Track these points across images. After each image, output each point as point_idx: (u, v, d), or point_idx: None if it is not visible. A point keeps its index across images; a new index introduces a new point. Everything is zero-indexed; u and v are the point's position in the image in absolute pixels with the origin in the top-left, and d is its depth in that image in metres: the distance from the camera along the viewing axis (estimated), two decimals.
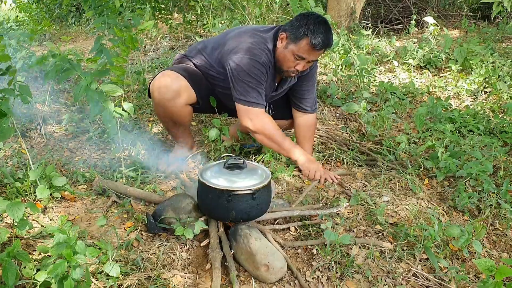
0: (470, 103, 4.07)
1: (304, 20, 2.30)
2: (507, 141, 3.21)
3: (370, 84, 4.36)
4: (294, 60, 2.36)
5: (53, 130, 3.26)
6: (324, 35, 2.28)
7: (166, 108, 2.50)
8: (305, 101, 2.73)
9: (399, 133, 3.35)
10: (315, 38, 2.26)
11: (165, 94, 2.45)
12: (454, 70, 4.69)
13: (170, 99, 2.46)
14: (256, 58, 2.36)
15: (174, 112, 2.52)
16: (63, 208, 2.22)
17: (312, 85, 2.71)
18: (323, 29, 2.28)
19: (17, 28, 7.23)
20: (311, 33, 2.26)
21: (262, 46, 2.40)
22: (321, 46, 2.29)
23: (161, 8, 7.33)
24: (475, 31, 6.87)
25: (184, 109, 2.54)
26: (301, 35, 2.28)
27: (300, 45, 2.30)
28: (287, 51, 2.36)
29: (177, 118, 2.57)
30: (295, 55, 2.34)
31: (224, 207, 1.96)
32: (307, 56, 2.34)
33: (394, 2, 8.13)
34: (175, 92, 2.45)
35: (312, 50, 2.31)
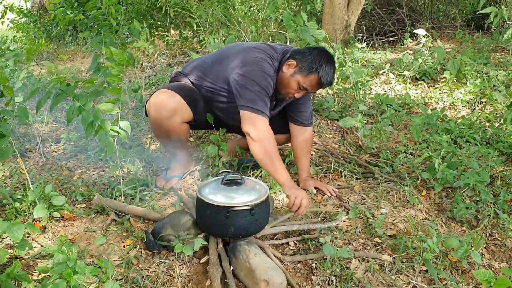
0: (466, 113, 4.10)
1: (318, 56, 2.37)
2: (503, 150, 3.23)
3: (366, 97, 4.39)
4: (297, 89, 2.43)
5: (51, 149, 3.27)
6: (332, 75, 2.39)
7: (162, 126, 2.52)
8: (301, 114, 2.75)
9: (396, 145, 3.37)
10: (325, 78, 2.36)
11: (162, 113, 2.47)
12: (449, 81, 4.73)
13: (166, 118, 2.47)
14: (266, 71, 2.39)
15: (171, 130, 2.53)
16: (62, 227, 2.22)
17: (308, 99, 2.74)
18: (332, 69, 2.39)
19: (14, 48, 7.28)
20: (322, 71, 2.34)
21: (270, 62, 2.44)
22: (327, 84, 2.40)
23: (157, 25, 7.40)
24: (469, 42, 6.93)
25: (181, 127, 2.55)
26: (313, 71, 2.35)
27: (309, 78, 2.37)
28: (293, 80, 2.40)
29: (174, 136, 2.58)
30: (300, 85, 2.40)
31: (223, 224, 1.96)
32: (311, 89, 2.43)
33: (388, 15, 8.20)
34: (171, 110, 2.46)
35: (317, 86, 2.41)
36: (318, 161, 3.08)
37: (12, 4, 7.75)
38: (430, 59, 5.29)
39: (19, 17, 8.24)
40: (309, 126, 2.78)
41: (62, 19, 4.00)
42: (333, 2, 6.84)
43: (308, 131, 2.78)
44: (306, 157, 2.79)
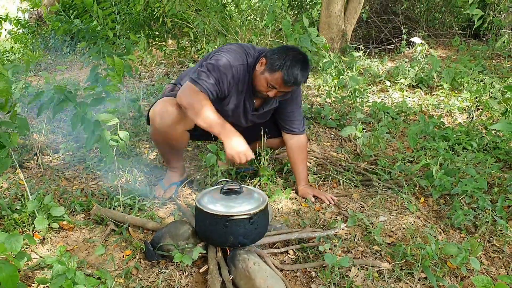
0: (463, 120, 4.12)
1: (283, 54, 2.34)
2: (500, 157, 3.24)
3: (363, 105, 4.41)
4: (267, 87, 2.41)
5: (50, 159, 3.28)
6: (298, 74, 2.32)
7: (166, 134, 2.52)
8: (293, 123, 2.76)
9: (394, 152, 3.38)
10: (288, 76, 2.31)
11: (167, 120, 2.47)
12: (446, 89, 4.75)
13: (170, 125, 2.48)
14: (231, 61, 2.41)
15: (173, 138, 2.54)
16: (61, 238, 2.22)
17: (297, 107, 2.75)
18: (299, 67, 2.32)
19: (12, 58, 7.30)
20: (285, 69, 2.30)
21: (242, 56, 2.46)
22: (292, 83, 2.34)
23: (155, 35, 7.44)
24: (465, 49, 6.98)
25: (183, 135, 2.56)
26: (277, 68, 2.32)
27: (274, 76, 2.34)
28: (262, 77, 2.40)
29: (175, 144, 2.59)
30: (268, 83, 2.38)
31: (222, 233, 1.97)
32: (279, 87, 2.39)
33: (384, 23, 8.25)
34: (176, 118, 2.47)
35: (283, 84, 2.36)
36: (317, 169, 3.09)
37: (8, 15, 7.78)
38: (426, 67, 5.32)
39: (17, 28, 8.27)
40: (301, 134, 2.78)
41: (58, 28, 4.01)
42: (329, 11, 6.90)
43: (302, 139, 2.78)
44: (303, 165, 2.79)
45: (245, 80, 2.49)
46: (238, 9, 6.53)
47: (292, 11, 8.63)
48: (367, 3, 8.07)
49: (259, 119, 2.74)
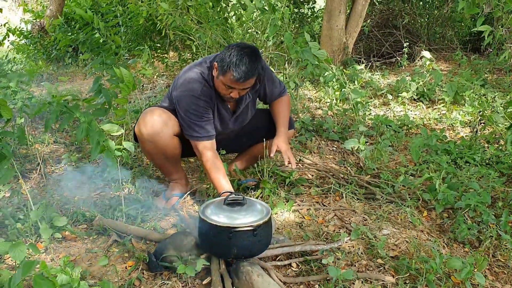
0: (465, 134, 4.12)
1: (228, 52, 2.35)
2: (503, 171, 3.24)
3: (365, 118, 4.41)
4: (227, 89, 2.43)
5: (52, 170, 3.27)
6: (246, 68, 2.32)
7: (155, 142, 2.53)
8: (273, 94, 2.82)
9: (396, 166, 3.38)
10: (238, 73, 2.31)
11: (153, 128, 2.49)
12: (448, 103, 4.77)
13: (158, 132, 2.50)
14: (194, 93, 2.47)
15: (164, 145, 2.55)
16: (64, 248, 2.21)
17: (271, 82, 2.79)
18: (245, 61, 2.32)
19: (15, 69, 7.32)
20: (233, 67, 2.31)
21: (200, 78, 2.50)
22: (244, 79, 2.34)
23: (157, 47, 7.47)
24: (466, 63, 7.01)
25: (173, 140, 2.57)
26: (226, 68, 2.34)
27: (226, 77, 2.36)
28: (219, 81, 2.43)
29: (167, 151, 2.59)
30: (225, 85, 2.41)
31: (226, 245, 1.96)
32: (235, 86, 2.39)
33: (385, 37, 8.30)
34: (162, 123, 2.50)
35: (238, 83, 2.36)
36: (319, 182, 3.09)
37: (15, 28, 7.83)
38: (428, 81, 5.34)
39: (19, 39, 8.31)
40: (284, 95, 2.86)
41: (62, 39, 4.03)
42: (331, 25, 6.93)
43: (284, 97, 2.86)
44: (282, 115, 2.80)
45: (212, 96, 2.53)
46: (239, 22, 6.56)
47: (294, 24, 8.68)
48: (368, 17, 8.12)
49: (244, 115, 2.78)
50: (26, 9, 8.45)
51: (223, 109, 2.63)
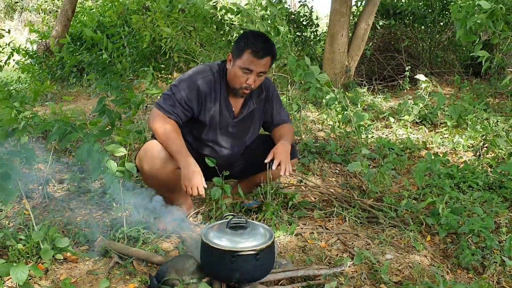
0: (467, 158, 4.12)
1: (243, 36, 2.46)
2: (506, 196, 3.23)
3: (368, 140, 4.42)
4: (244, 75, 2.46)
5: (54, 190, 3.27)
6: (263, 44, 2.42)
7: (158, 177, 2.53)
8: (278, 119, 2.86)
9: (399, 189, 3.37)
10: (256, 47, 2.39)
11: (155, 164, 2.48)
12: (450, 126, 4.78)
13: (159, 168, 2.49)
14: (192, 79, 2.54)
15: (166, 179, 2.54)
16: (65, 270, 2.20)
17: (279, 105, 2.87)
18: (261, 39, 2.43)
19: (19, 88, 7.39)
20: (250, 44, 2.39)
21: (205, 71, 2.57)
22: (262, 53, 2.40)
23: (161, 68, 7.54)
24: (467, 87, 7.05)
25: (175, 173, 2.54)
26: (243, 48, 2.41)
27: (244, 57, 2.41)
28: (235, 68, 2.46)
29: (170, 185, 2.58)
30: (242, 69, 2.44)
31: (228, 268, 1.94)
32: (254, 67, 2.43)
33: (387, 60, 8.37)
34: (163, 159, 2.48)
35: (256, 60, 2.41)
36: (322, 205, 3.08)
37: (19, 47, 7.92)
38: (430, 104, 5.36)
39: (25, 59, 8.40)
40: (286, 123, 2.89)
41: (69, 59, 4.08)
42: (333, 48, 7.00)
43: (285, 126, 2.88)
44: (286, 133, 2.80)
45: (217, 88, 2.57)
46: None
47: (296, 47, 8.76)
48: (370, 41, 8.20)
49: (246, 127, 2.77)
50: (32, 29, 8.57)
51: (226, 109, 2.63)
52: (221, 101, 2.61)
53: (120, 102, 3.54)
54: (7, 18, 18.62)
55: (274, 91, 2.85)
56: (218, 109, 2.62)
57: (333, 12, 6.98)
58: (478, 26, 3.84)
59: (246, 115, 2.73)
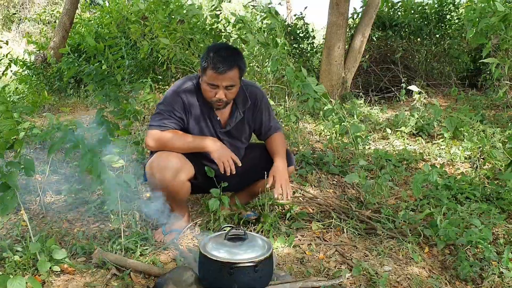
0: (464, 169, 4.13)
1: (206, 51, 2.48)
2: (504, 207, 3.23)
3: (365, 152, 4.43)
4: (211, 89, 2.48)
5: (52, 201, 3.26)
6: (223, 58, 2.40)
7: (167, 188, 2.52)
8: (267, 126, 2.85)
9: (397, 200, 3.38)
10: (215, 63, 2.39)
11: (167, 174, 2.48)
12: (447, 137, 4.80)
13: (171, 178, 2.49)
14: (176, 88, 2.60)
15: (175, 190, 2.55)
16: (62, 282, 2.18)
17: (268, 114, 2.85)
18: (222, 54, 2.43)
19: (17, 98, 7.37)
20: (210, 60, 2.41)
21: (186, 83, 2.62)
22: (223, 69, 2.40)
23: (159, 79, 7.56)
24: (464, 99, 7.09)
25: (185, 185, 2.57)
26: (205, 65, 2.44)
27: (208, 74, 2.44)
28: (203, 83, 2.50)
29: (177, 195, 2.59)
30: (208, 84, 2.47)
31: (226, 280, 1.94)
32: (219, 82, 2.44)
33: (383, 72, 8.41)
34: (175, 169, 2.49)
35: (219, 75, 2.41)
36: (320, 217, 3.07)
37: (17, 58, 7.92)
38: (426, 115, 5.39)
39: (22, 70, 8.39)
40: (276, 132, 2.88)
41: (68, 70, 4.09)
42: (330, 60, 7.04)
43: (279, 133, 2.88)
44: (281, 146, 2.80)
45: (199, 99, 2.60)
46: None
47: (294, 59, 8.81)
48: (366, 52, 8.24)
49: (237, 137, 2.77)
50: (30, 40, 8.57)
51: (212, 119, 2.66)
52: (206, 112, 2.63)
53: (118, 113, 3.55)
54: (4, 29, 18.66)
55: (262, 98, 2.82)
56: (205, 119, 2.64)
57: (329, 24, 7.03)
58: (489, 28, 3.87)
59: (235, 125, 2.73)
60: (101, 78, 3.73)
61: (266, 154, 2.82)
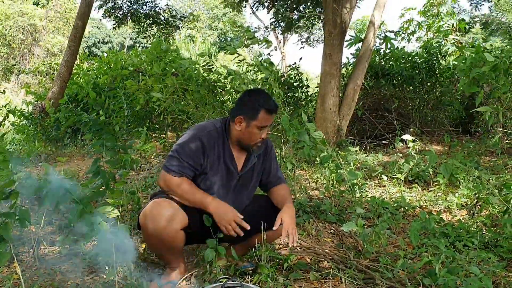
0: (461, 216, 4.12)
1: (250, 97, 2.63)
2: (503, 255, 3.21)
3: (362, 199, 4.43)
4: (259, 132, 2.62)
5: (46, 252, 3.21)
6: (271, 101, 2.61)
7: (161, 236, 2.50)
8: (275, 176, 2.93)
9: (395, 249, 3.35)
10: (269, 105, 2.58)
11: (160, 222, 2.47)
12: (443, 185, 4.81)
13: (164, 227, 2.47)
14: (196, 136, 2.62)
15: (169, 240, 2.52)
16: None
17: (276, 163, 2.96)
18: (268, 97, 2.62)
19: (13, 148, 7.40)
20: (264, 103, 2.57)
21: (208, 127, 2.69)
22: (274, 110, 2.61)
23: (155, 128, 7.62)
24: (458, 146, 7.16)
25: (178, 234, 2.54)
26: (257, 109, 2.57)
27: (260, 117, 2.58)
28: (251, 129, 2.61)
29: (171, 244, 2.56)
30: (258, 127, 2.60)
31: None
32: (268, 122, 2.62)
33: (378, 119, 8.54)
34: (169, 217, 2.48)
35: (270, 116, 2.61)
36: (318, 267, 3.03)
37: (15, 108, 8.02)
38: (422, 162, 5.42)
39: (20, 120, 8.47)
40: (284, 183, 2.95)
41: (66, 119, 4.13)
42: (324, 107, 7.16)
43: (283, 185, 2.94)
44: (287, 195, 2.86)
45: (220, 143, 2.67)
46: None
47: (289, 107, 8.94)
48: (360, 100, 8.39)
49: (246, 184, 2.83)
50: (28, 91, 8.69)
51: (231, 164, 2.72)
52: (225, 156, 2.70)
53: (114, 163, 3.56)
54: (3, 80, 18.95)
55: (272, 147, 2.98)
56: (224, 163, 2.70)
57: (323, 74, 7.20)
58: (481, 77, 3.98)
59: (248, 170, 2.81)
60: (99, 127, 3.76)
61: (265, 207, 2.85)
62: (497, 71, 3.85)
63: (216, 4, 36.94)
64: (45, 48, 22.90)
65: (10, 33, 21.94)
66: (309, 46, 25.55)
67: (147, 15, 14.77)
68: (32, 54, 22.68)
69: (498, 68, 3.84)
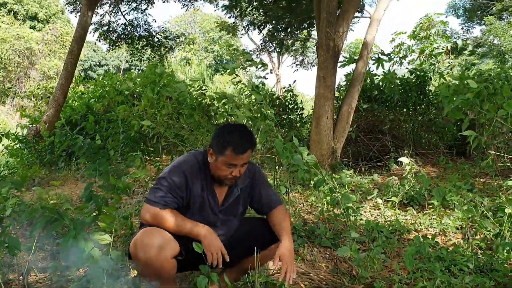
0: (456, 240, 4.10)
1: (222, 133, 2.55)
2: (498, 279, 3.18)
3: (357, 223, 4.40)
4: (227, 169, 2.55)
5: (36, 279, 3.16)
6: (242, 139, 2.51)
7: (152, 265, 2.46)
8: (270, 202, 2.84)
9: (390, 273, 3.32)
10: (236, 144, 2.49)
11: (150, 251, 2.43)
12: (437, 207, 4.80)
13: (156, 255, 2.44)
14: (179, 166, 2.61)
15: (160, 268, 2.48)
16: None
17: (266, 187, 2.87)
18: (240, 135, 2.53)
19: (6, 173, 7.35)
20: (231, 142, 2.49)
21: (191, 160, 2.66)
22: (243, 149, 2.50)
23: (150, 151, 7.61)
24: (453, 168, 7.17)
25: (169, 263, 2.49)
26: (224, 146, 2.50)
27: (226, 155, 2.50)
28: (219, 163, 2.55)
29: (163, 273, 2.52)
30: (226, 164, 2.53)
31: None
32: (237, 162, 2.52)
33: (372, 141, 8.56)
34: (159, 246, 2.44)
35: (238, 156, 2.50)
36: None
37: (9, 131, 8.00)
38: (416, 185, 5.42)
39: (14, 143, 8.44)
40: (281, 205, 2.86)
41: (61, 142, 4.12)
42: (319, 129, 7.18)
43: (281, 207, 2.84)
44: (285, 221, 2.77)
45: (201, 177, 2.64)
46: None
47: (283, 129, 8.97)
48: (354, 123, 8.43)
49: (226, 215, 2.77)
50: (23, 114, 8.70)
51: (211, 198, 2.68)
52: (206, 189, 2.66)
53: (107, 188, 3.54)
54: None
55: (259, 175, 2.87)
56: (205, 197, 2.66)
57: (317, 96, 7.25)
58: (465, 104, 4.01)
59: (231, 203, 2.75)
60: (93, 152, 3.76)
61: (257, 230, 2.81)
62: (481, 97, 3.90)
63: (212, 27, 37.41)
64: (41, 71, 23.02)
65: (6, 56, 22.07)
66: (304, 68, 25.77)
67: (141, 37, 14.89)
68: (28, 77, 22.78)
69: (482, 94, 3.88)
